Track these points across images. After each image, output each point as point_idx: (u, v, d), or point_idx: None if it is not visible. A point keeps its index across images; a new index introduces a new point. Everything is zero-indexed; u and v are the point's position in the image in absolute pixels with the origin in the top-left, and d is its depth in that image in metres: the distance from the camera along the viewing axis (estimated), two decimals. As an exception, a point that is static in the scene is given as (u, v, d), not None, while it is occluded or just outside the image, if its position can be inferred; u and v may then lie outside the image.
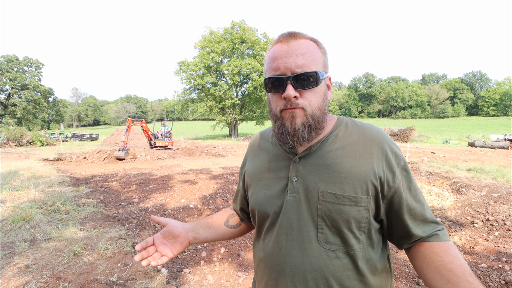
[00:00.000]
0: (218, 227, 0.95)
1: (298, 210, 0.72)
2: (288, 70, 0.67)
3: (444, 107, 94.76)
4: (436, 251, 0.67)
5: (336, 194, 0.69)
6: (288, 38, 0.69)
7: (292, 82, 0.67)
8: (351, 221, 0.69)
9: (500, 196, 4.48)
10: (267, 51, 0.75)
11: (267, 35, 31.99)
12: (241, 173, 0.96)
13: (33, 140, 19.78)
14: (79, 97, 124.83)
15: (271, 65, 0.70)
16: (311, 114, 0.70)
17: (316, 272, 0.69)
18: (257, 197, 0.80)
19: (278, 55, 0.69)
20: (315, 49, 0.71)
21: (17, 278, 2.47)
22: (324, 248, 0.70)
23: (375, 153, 0.71)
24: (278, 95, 0.70)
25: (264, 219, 0.79)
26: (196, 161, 11.27)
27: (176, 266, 2.93)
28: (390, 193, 0.71)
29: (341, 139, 0.75)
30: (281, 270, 0.73)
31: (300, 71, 0.67)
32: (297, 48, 0.68)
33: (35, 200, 4.73)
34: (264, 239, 0.80)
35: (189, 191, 5.73)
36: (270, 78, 0.70)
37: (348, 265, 0.69)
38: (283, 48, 0.69)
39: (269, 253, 0.76)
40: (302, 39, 0.70)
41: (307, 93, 0.69)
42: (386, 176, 0.70)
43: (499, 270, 2.73)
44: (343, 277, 0.69)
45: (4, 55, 37.61)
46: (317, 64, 0.70)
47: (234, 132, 33.26)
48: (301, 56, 0.67)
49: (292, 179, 0.74)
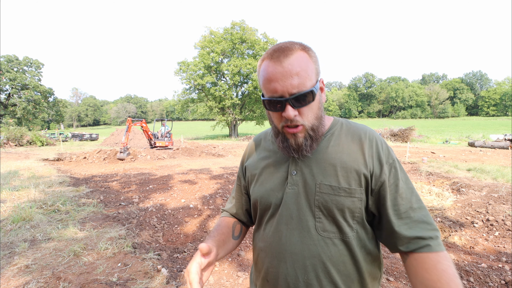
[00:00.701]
0: (228, 241, 0.92)
1: (297, 201, 0.78)
2: (285, 92, 0.70)
3: (444, 107, 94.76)
4: (426, 267, 0.68)
5: (332, 186, 0.75)
6: (280, 57, 0.70)
7: (291, 103, 0.71)
8: (345, 211, 0.75)
9: (500, 196, 4.48)
10: (260, 63, 0.75)
11: (267, 35, 32.01)
12: (241, 169, 1.00)
13: (33, 140, 19.78)
14: (79, 97, 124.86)
15: (267, 86, 0.72)
16: (311, 127, 0.76)
17: (315, 258, 0.75)
18: (258, 190, 0.86)
19: (273, 77, 0.70)
20: (307, 62, 0.72)
21: (17, 278, 2.47)
22: (321, 236, 0.76)
23: (367, 149, 0.78)
24: (278, 113, 0.75)
25: (265, 211, 0.85)
26: (196, 161, 11.27)
27: (176, 266, 2.93)
28: (377, 187, 0.76)
29: (337, 137, 0.81)
30: (281, 258, 0.78)
31: (297, 91, 0.70)
32: (291, 68, 0.69)
33: (35, 200, 4.73)
34: (264, 230, 0.85)
35: (189, 191, 5.73)
36: (269, 100, 0.73)
37: (343, 251, 0.75)
38: (277, 70, 0.69)
39: (269, 242, 0.81)
40: (293, 55, 0.70)
41: (305, 109, 0.74)
42: (375, 170, 0.76)
43: (499, 270, 2.73)
44: (339, 263, 0.75)
45: (4, 55, 37.63)
46: (311, 79, 0.72)
47: (234, 132, 33.26)
48: (296, 77, 0.69)
49: (292, 172, 0.80)
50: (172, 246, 3.50)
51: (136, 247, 3.21)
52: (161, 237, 3.79)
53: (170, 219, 4.31)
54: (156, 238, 3.72)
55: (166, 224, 4.15)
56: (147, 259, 2.89)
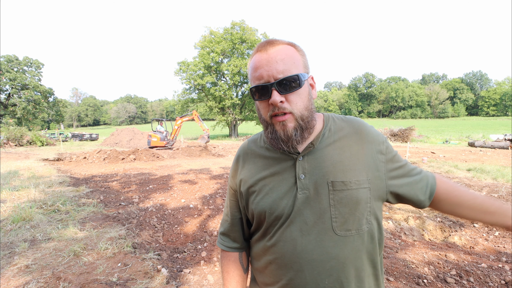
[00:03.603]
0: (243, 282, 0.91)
1: (311, 205, 0.75)
2: (271, 77, 0.71)
3: (444, 107, 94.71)
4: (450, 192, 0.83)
5: (344, 181, 0.74)
6: (266, 47, 0.73)
7: (277, 88, 0.71)
8: (361, 203, 0.75)
9: (500, 196, 4.48)
10: (249, 61, 0.78)
11: (267, 35, 31.99)
12: (232, 184, 0.91)
13: (33, 140, 19.79)
14: (79, 97, 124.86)
15: (254, 74, 0.74)
16: (300, 116, 0.74)
17: (334, 260, 0.73)
18: (264, 202, 0.79)
19: (259, 64, 0.72)
20: (294, 53, 0.74)
21: (17, 278, 2.47)
22: (339, 235, 0.74)
23: (366, 140, 0.80)
24: (265, 102, 0.74)
25: (274, 221, 0.79)
26: (196, 161, 11.28)
27: (176, 266, 2.93)
28: (383, 169, 0.80)
29: (335, 133, 0.81)
30: (298, 268, 0.75)
31: (282, 76, 0.70)
32: (276, 55, 0.71)
33: (35, 200, 4.73)
34: (270, 240, 0.79)
35: (189, 191, 5.73)
36: (255, 87, 0.73)
37: (360, 246, 0.76)
38: (262, 57, 0.72)
39: (282, 253, 0.77)
40: (279, 45, 0.73)
41: (292, 96, 0.72)
42: (378, 157, 0.80)
43: (499, 270, 2.73)
44: (357, 259, 0.75)
45: (4, 55, 37.61)
46: (297, 67, 0.73)
47: (234, 132, 33.26)
48: (281, 62, 0.71)
49: (300, 176, 0.76)
50: (172, 246, 3.50)
51: (136, 247, 3.21)
52: (161, 237, 3.79)
53: (170, 219, 4.31)
54: (156, 238, 3.72)
55: (166, 224, 4.15)
56: (147, 259, 2.89)
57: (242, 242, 0.93)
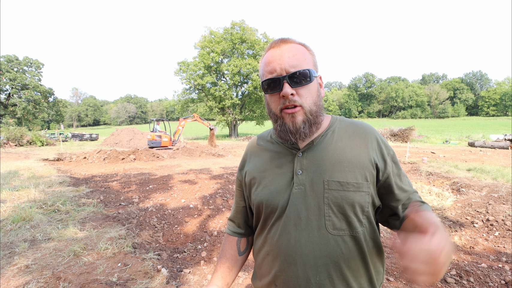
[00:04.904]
0: (235, 263, 0.95)
1: (305, 201, 0.76)
2: (283, 70, 0.74)
3: (444, 107, 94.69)
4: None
5: (341, 182, 0.75)
6: (280, 43, 0.77)
7: (288, 81, 0.73)
8: (355, 206, 0.75)
9: (500, 196, 4.48)
10: (261, 58, 0.81)
11: (267, 35, 31.98)
12: (239, 176, 0.97)
13: (33, 140, 19.79)
14: (79, 97, 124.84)
15: (266, 68, 0.77)
16: (309, 111, 0.76)
17: (326, 257, 0.74)
18: (263, 193, 0.83)
19: (272, 59, 0.76)
20: (305, 51, 0.78)
21: (17, 278, 2.47)
22: (332, 234, 0.75)
23: (369, 144, 0.80)
24: (276, 95, 0.77)
25: (271, 213, 0.82)
26: (196, 161, 11.28)
27: (176, 266, 2.93)
28: (383, 178, 0.79)
29: (339, 134, 0.82)
30: (291, 260, 0.76)
31: (294, 70, 0.73)
32: (289, 50, 0.75)
33: (35, 200, 4.73)
34: (269, 233, 0.83)
35: (189, 191, 5.72)
36: (267, 80, 0.76)
37: (353, 247, 0.76)
38: (276, 52, 0.76)
39: (277, 245, 0.79)
40: (292, 43, 0.77)
41: (303, 90, 0.75)
42: (380, 164, 0.79)
43: (499, 270, 2.73)
44: (350, 259, 0.75)
45: (4, 55, 37.60)
46: (308, 64, 0.76)
47: (234, 132, 33.25)
48: (293, 57, 0.74)
49: (297, 172, 0.79)
50: (172, 246, 3.50)
51: (136, 247, 3.21)
52: (161, 237, 3.79)
53: (170, 219, 4.30)
54: (156, 238, 3.72)
55: (166, 224, 4.15)
56: (147, 259, 2.89)
57: (246, 228, 0.99)
